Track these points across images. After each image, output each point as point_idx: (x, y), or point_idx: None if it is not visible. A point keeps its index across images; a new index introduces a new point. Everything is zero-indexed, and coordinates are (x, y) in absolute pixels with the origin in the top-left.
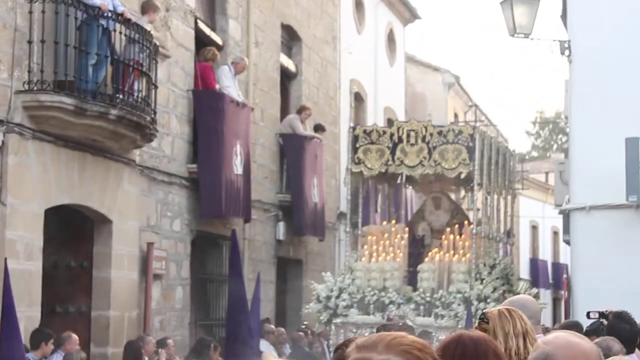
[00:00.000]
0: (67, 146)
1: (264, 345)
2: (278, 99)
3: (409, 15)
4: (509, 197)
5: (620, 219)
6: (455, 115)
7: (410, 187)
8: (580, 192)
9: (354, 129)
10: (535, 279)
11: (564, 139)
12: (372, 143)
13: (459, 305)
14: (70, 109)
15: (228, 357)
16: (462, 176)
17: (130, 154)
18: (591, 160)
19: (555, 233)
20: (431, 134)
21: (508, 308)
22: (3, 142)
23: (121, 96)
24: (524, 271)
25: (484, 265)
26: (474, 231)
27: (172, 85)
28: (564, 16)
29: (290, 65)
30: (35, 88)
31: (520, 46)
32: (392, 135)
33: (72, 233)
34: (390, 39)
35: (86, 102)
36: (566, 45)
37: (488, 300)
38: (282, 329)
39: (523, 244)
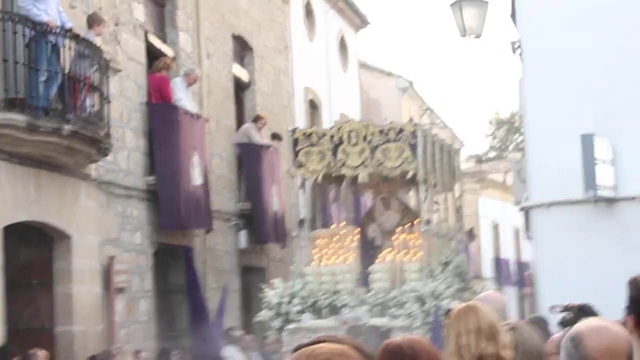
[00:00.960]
0: (22, 163)
1: (233, 351)
2: (233, 109)
3: (359, 21)
4: (454, 195)
5: (580, 214)
6: (411, 119)
7: (353, 190)
8: (538, 190)
9: (293, 132)
10: (499, 277)
11: (520, 139)
12: (313, 145)
13: (413, 304)
14: (22, 126)
15: None
16: (408, 175)
17: (87, 168)
18: (548, 157)
19: (517, 231)
20: (372, 133)
21: (467, 305)
22: None
23: (74, 112)
24: (487, 270)
25: (437, 263)
26: (423, 229)
27: (125, 99)
28: (513, 15)
29: (243, 75)
30: None
31: (473, 48)
32: (332, 136)
33: (32, 250)
34: (342, 45)
35: (38, 119)
36: (517, 44)
37: (441, 297)
38: (251, 336)
39: (485, 244)
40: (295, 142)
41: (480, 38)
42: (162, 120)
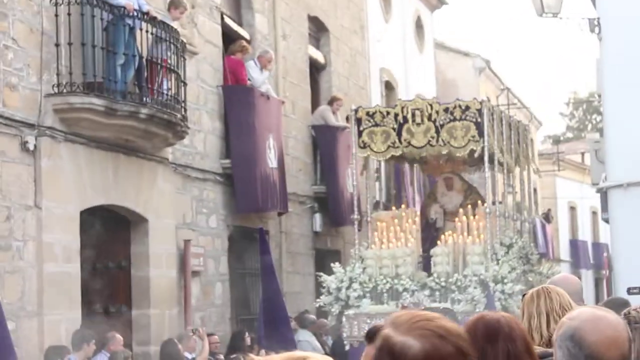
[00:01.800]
0: (100, 147)
1: (306, 335)
2: (308, 91)
3: (436, 1)
4: (526, 173)
5: None
6: (488, 100)
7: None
8: (616, 170)
9: (356, 111)
10: (576, 260)
11: (598, 119)
12: (377, 125)
13: (475, 288)
14: (100, 109)
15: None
16: (476, 155)
17: (163, 152)
18: (626, 137)
19: (594, 213)
20: (437, 112)
21: (541, 287)
22: (35, 146)
23: (151, 95)
24: (564, 252)
25: (500, 245)
26: (488, 210)
27: (201, 81)
28: None
29: (319, 56)
30: (64, 91)
31: (550, 27)
32: (396, 115)
33: (109, 234)
34: (418, 25)
35: (116, 103)
36: (595, 22)
37: (505, 281)
38: (325, 320)
39: (562, 226)
40: (359, 121)
41: (558, 16)
42: (238, 102)
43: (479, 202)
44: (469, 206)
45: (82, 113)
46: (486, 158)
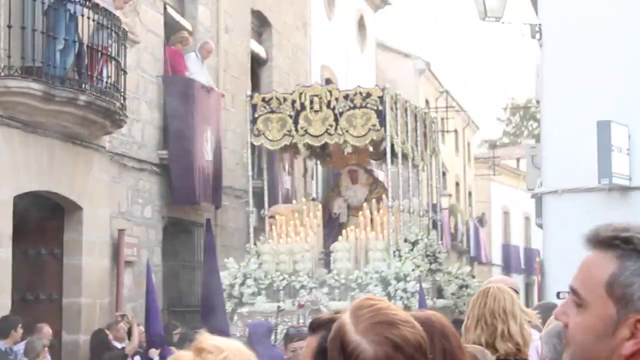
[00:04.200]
0: (36, 132)
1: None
2: (249, 85)
3: (379, 1)
4: (430, 168)
5: (593, 202)
6: (427, 102)
7: (318, 161)
8: (552, 176)
9: (251, 97)
10: (508, 264)
11: (534, 125)
12: (273, 112)
13: (375, 286)
14: (38, 94)
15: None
16: (382, 147)
17: (100, 140)
18: (563, 143)
19: (527, 218)
20: (337, 99)
21: (485, 287)
22: None
23: (90, 82)
24: (496, 256)
25: (405, 241)
26: (390, 204)
27: (141, 71)
28: (534, 0)
29: (260, 51)
30: (2, 74)
31: (492, 31)
32: (293, 102)
33: (42, 220)
34: (361, 24)
35: (54, 88)
36: (537, 28)
37: (408, 279)
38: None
39: (495, 230)
40: (254, 108)
41: (500, 21)
42: (178, 93)
43: (384, 196)
44: (374, 200)
45: (20, 97)
46: (388, 148)
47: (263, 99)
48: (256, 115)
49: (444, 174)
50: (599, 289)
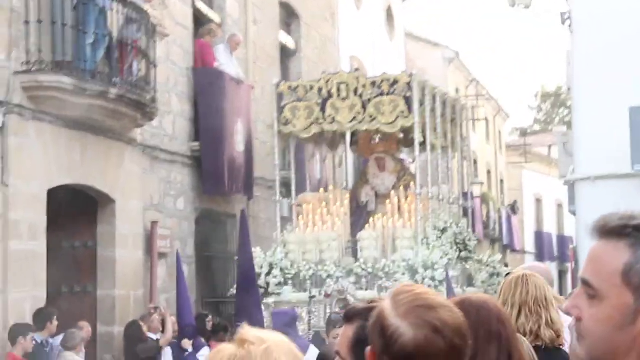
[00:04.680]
0: (68, 126)
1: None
2: (278, 76)
3: None
4: (460, 155)
5: (626, 188)
6: (457, 90)
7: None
8: (584, 163)
9: (277, 85)
10: (541, 252)
11: (565, 112)
12: (300, 100)
13: (403, 274)
14: (69, 88)
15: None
16: (411, 135)
17: (132, 133)
18: (595, 130)
19: (560, 206)
20: (364, 86)
21: (519, 275)
22: (3, 124)
23: (121, 75)
24: (529, 244)
25: (433, 229)
26: (419, 192)
27: (171, 63)
28: None
29: (289, 42)
30: (33, 69)
31: (522, 18)
32: (320, 90)
33: (76, 213)
34: (389, 14)
35: (85, 82)
36: (567, 15)
37: (436, 267)
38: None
39: (528, 217)
40: (280, 96)
41: (530, 9)
42: (208, 85)
43: (412, 183)
44: (402, 188)
45: (51, 91)
46: (416, 135)
47: (289, 87)
48: (283, 104)
49: (475, 162)
50: (614, 278)
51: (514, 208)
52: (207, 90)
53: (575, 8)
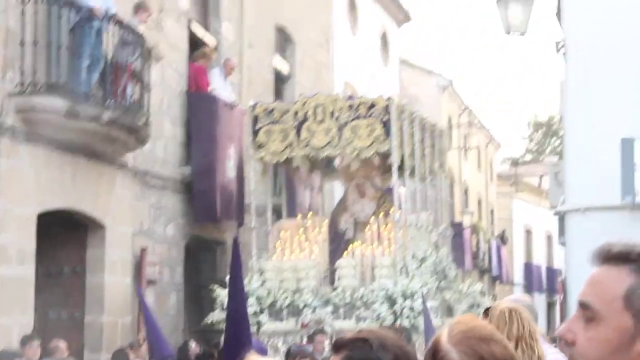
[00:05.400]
0: (60, 149)
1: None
2: (272, 102)
3: (402, 16)
4: (441, 182)
5: (616, 220)
6: (449, 119)
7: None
8: (575, 194)
9: (253, 107)
10: (530, 283)
11: (557, 142)
12: (275, 123)
13: (381, 304)
14: (62, 111)
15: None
16: (389, 161)
17: (124, 157)
18: (586, 161)
19: (549, 237)
20: (341, 109)
21: (511, 308)
22: None
23: (114, 98)
24: (518, 275)
25: (412, 257)
26: (398, 219)
27: (165, 86)
28: (559, 14)
29: (284, 67)
30: (27, 90)
31: (516, 47)
32: (296, 112)
33: (65, 238)
34: (384, 40)
35: (79, 105)
36: (561, 44)
37: (415, 297)
38: None
39: (517, 248)
40: (255, 119)
41: (524, 36)
42: (201, 110)
43: (392, 210)
44: (381, 215)
45: (44, 114)
46: (394, 160)
47: (265, 110)
48: (257, 127)
49: (465, 191)
50: (615, 302)
51: (502, 238)
52: (200, 114)
53: (570, 36)
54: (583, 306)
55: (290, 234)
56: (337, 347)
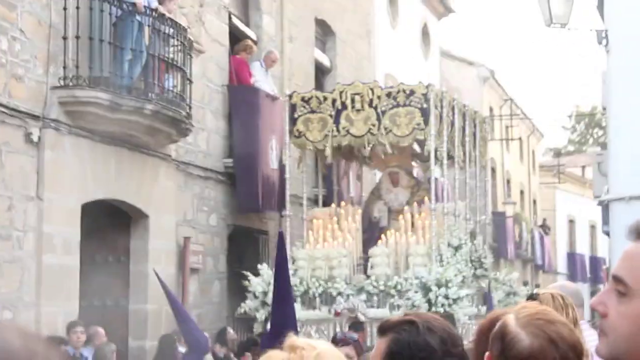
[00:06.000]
0: (103, 141)
1: None
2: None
3: (443, 9)
4: (480, 170)
5: None
6: (491, 109)
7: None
8: (619, 183)
9: (290, 96)
10: (573, 273)
11: (600, 133)
12: (313, 112)
13: (415, 292)
14: (105, 104)
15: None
16: (426, 149)
17: (166, 149)
18: (630, 150)
19: (593, 227)
20: (379, 97)
21: (561, 294)
22: (39, 138)
23: (156, 91)
24: (561, 265)
25: (448, 246)
26: (433, 207)
27: (207, 80)
28: (600, 6)
29: (324, 60)
30: (70, 84)
31: (558, 38)
32: (334, 101)
33: (110, 228)
34: (425, 32)
35: (121, 97)
36: (603, 34)
37: (450, 285)
38: None
39: (560, 238)
40: (293, 108)
41: (566, 27)
42: (243, 102)
43: (427, 199)
44: (415, 203)
45: (87, 107)
46: (432, 148)
47: (302, 98)
48: (296, 116)
49: (508, 181)
50: None
51: (544, 227)
52: (242, 107)
53: (612, 27)
54: (616, 280)
55: (323, 223)
56: (383, 330)
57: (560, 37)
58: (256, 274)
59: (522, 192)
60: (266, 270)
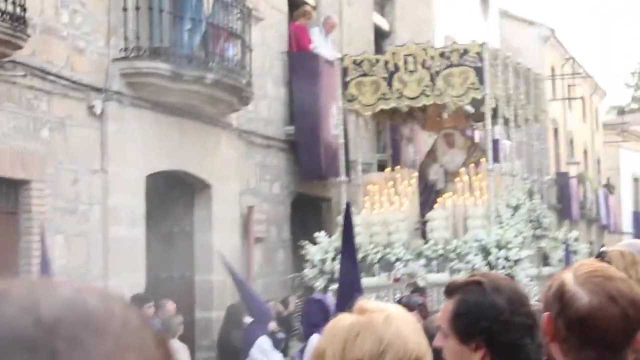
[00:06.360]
0: (165, 112)
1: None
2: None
3: None
4: (538, 129)
5: None
6: (552, 69)
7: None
8: None
9: (341, 59)
10: (639, 232)
11: None
12: (365, 75)
13: (475, 255)
14: (166, 74)
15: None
16: (482, 108)
17: (228, 118)
18: None
19: None
20: (432, 57)
21: (626, 251)
22: (102, 110)
23: (217, 60)
24: (626, 224)
25: (506, 206)
26: (490, 167)
27: (266, 47)
28: None
29: (383, 23)
30: (131, 55)
31: None
32: (386, 63)
33: (173, 198)
34: None
35: (182, 68)
36: None
37: (510, 247)
38: None
39: (625, 197)
40: (345, 71)
41: None
42: (303, 69)
43: (484, 159)
44: (472, 165)
45: (149, 78)
46: (487, 108)
47: (354, 62)
48: (347, 79)
49: (571, 141)
50: None
51: (608, 186)
52: (302, 73)
53: None
54: None
55: (379, 188)
56: (450, 291)
57: None
58: (308, 242)
59: (585, 152)
60: (324, 238)
